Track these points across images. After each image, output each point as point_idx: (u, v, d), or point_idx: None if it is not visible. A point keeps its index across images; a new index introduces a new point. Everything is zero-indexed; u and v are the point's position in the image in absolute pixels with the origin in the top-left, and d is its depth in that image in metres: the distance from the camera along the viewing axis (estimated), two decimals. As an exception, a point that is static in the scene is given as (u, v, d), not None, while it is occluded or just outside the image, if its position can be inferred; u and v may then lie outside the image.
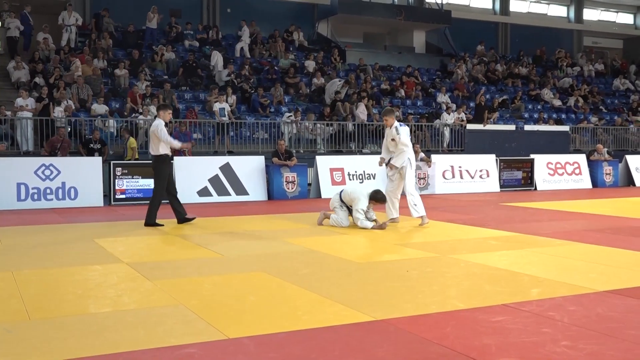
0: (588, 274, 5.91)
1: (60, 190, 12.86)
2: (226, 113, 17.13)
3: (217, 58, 20.61)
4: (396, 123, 9.51)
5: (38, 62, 18.28)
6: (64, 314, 4.61)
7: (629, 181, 19.04)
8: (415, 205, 9.41)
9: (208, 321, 4.36)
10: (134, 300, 5.03)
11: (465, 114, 20.74)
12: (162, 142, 9.54)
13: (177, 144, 10.00)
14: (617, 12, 33.76)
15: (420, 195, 9.93)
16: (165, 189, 9.71)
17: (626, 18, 34.14)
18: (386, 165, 9.61)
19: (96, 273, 6.07)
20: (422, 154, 15.95)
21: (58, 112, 15.69)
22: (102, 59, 19.03)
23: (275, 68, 21.49)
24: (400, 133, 9.39)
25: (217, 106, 17.13)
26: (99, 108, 16.53)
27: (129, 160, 14.56)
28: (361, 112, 19.24)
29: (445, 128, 19.61)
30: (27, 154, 14.73)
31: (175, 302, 4.91)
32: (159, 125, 9.54)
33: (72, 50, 19.52)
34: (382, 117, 9.81)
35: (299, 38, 24.66)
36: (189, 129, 16.35)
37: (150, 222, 9.62)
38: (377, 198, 9.27)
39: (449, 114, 19.98)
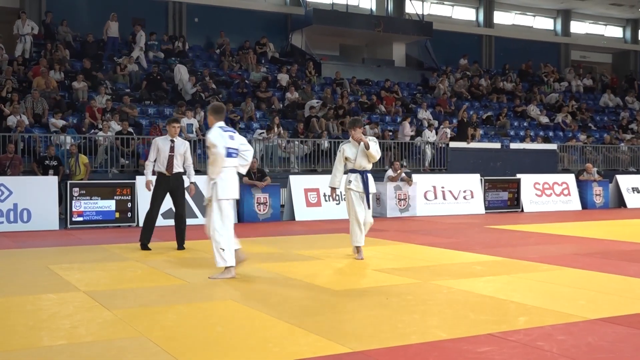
0: (577, 301, 5.97)
1: (11, 213, 12.69)
2: (194, 130, 17.08)
3: (182, 71, 20.50)
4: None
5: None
6: (14, 347, 4.52)
7: (620, 202, 19.32)
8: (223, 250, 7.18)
9: (172, 354, 4.31)
10: (91, 331, 4.96)
11: (450, 128, 20.91)
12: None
13: (147, 175, 9.77)
14: (605, 25, 34.45)
15: (401, 217, 9.78)
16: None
17: (615, 31, 34.86)
18: None
19: (50, 302, 5.98)
20: (402, 174, 16.05)
21: (11, 123, 15.51)
22: (58, 70, 18.88)
23: (246, 81, 21.52)
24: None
25: (184, 122, 17.07)
26: (57, 123, 16.37)
27: (82, 179, 14.36)
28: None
29: (426, 146, 19.76)
30: (-25, 173, 14.52)
31: (137, 333, 4.85)
32: (154, 142, 9.75)
33: (26, 62, 19.37)
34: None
35: (271, 50, 24.75)
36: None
37: (142, 242, 9.72)
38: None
39: (431, 131, 20.15)
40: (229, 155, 7.16)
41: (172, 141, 9.53)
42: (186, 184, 9.89)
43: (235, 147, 7.27)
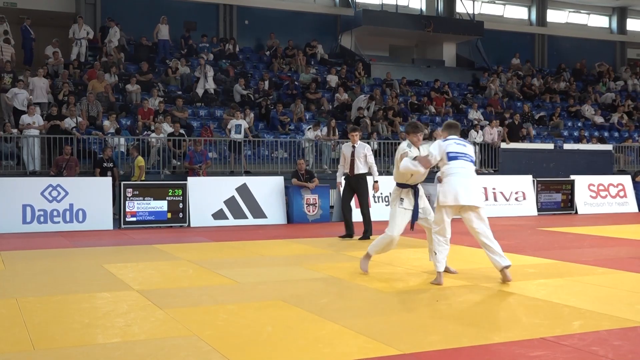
0: (634, 306, 5.82)
1: (67, 213, 12.99)
2: (243, 130, 17.22)
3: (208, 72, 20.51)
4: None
5: (46, 77, 18.55)
6: (70, 344, 4.63)
7: (679, 204, 18.76)
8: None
9: (223, 353, 4.35)
10: (144, 330, 5.04)
11: (499, 131, 20.60)
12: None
13: (337, 177, 11.43)
14: (663, 22, 33.55)
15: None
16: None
17: (674, 28, 33.90)
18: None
19: (104, 301, 6.11)
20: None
21: (68, 126, 15.87)
22: (113, 73, 19.27)
23: (296, 83, 21.63)
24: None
25: (233, 122, 17.21)
26: (108, 125, 16.69)
27: (136, 180, 14.63)
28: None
29: (476, 147, 19.52)
30: (33, 174, 14.92)
31: (188, 332, 4.92)
32: (342, 148, 11.30)
33: (82, 65, 19.81)
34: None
35: (321, 51, 24.81)
36: (204, 148, 16.42)
37: (347, 233, 11.36)
38: None
39: (477, 132, 19.83)
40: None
41: (353, 147, 10.93)
42: (371, 182, 11.15)
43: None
